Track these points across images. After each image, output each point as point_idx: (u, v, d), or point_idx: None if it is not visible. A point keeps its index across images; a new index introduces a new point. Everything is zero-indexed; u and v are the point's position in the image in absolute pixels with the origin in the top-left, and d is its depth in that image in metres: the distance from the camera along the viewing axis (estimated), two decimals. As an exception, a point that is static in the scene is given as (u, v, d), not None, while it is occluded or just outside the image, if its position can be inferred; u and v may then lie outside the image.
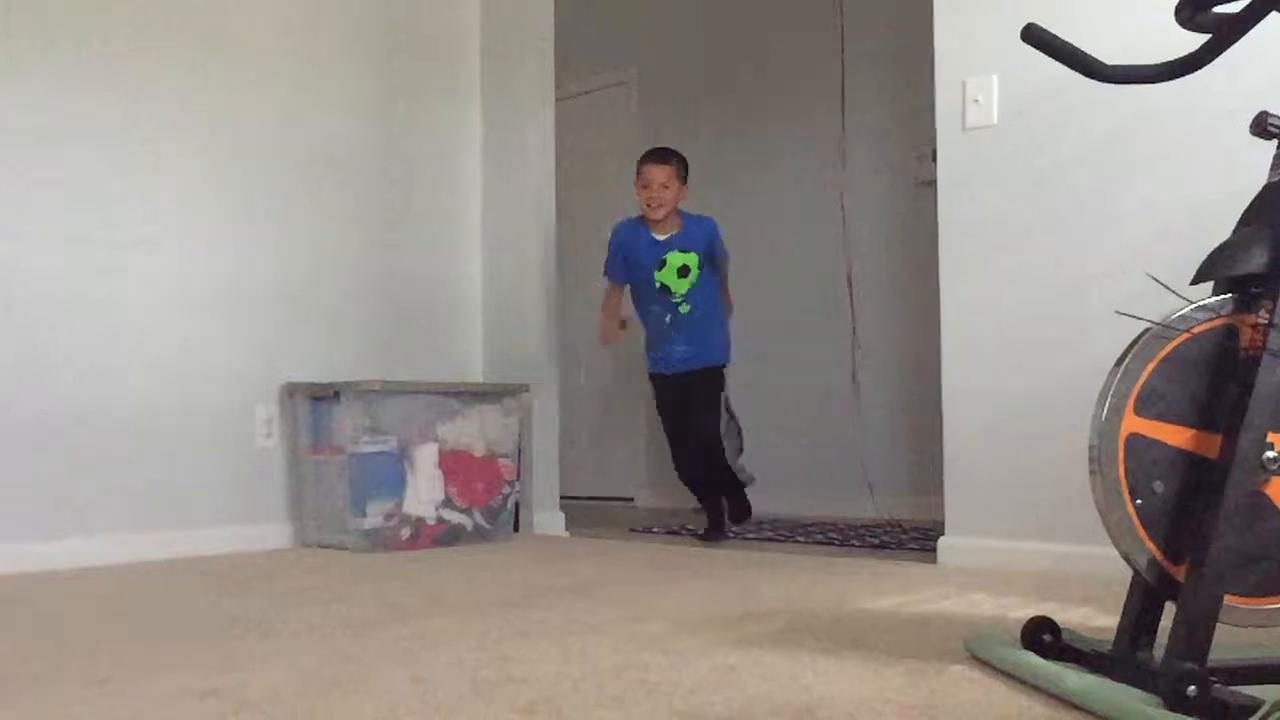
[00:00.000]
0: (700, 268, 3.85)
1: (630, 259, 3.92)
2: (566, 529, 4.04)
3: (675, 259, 3.84)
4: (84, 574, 2.97)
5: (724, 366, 3.93)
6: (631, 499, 5.56)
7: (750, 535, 3.93)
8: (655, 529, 4.19)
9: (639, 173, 3.87)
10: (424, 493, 3.53)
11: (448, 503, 3.60)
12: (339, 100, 3.87)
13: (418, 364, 3.96)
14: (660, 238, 3.86)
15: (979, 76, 2.95)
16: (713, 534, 3.82)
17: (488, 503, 3.71)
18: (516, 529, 3.88)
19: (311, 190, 3.77)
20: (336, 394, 3.46)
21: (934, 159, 3.08)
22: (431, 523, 3.55)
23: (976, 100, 2.95)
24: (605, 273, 4.03)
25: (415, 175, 4.05)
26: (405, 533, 3.48)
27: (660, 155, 3.87)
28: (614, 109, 5.79)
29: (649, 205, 3.83)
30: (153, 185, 3.39)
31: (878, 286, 4.80)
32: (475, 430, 3.66)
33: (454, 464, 3.60)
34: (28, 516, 3.06)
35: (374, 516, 3.43)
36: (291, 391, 3.61)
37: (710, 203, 5.41)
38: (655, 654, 1.77)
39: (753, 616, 2.13)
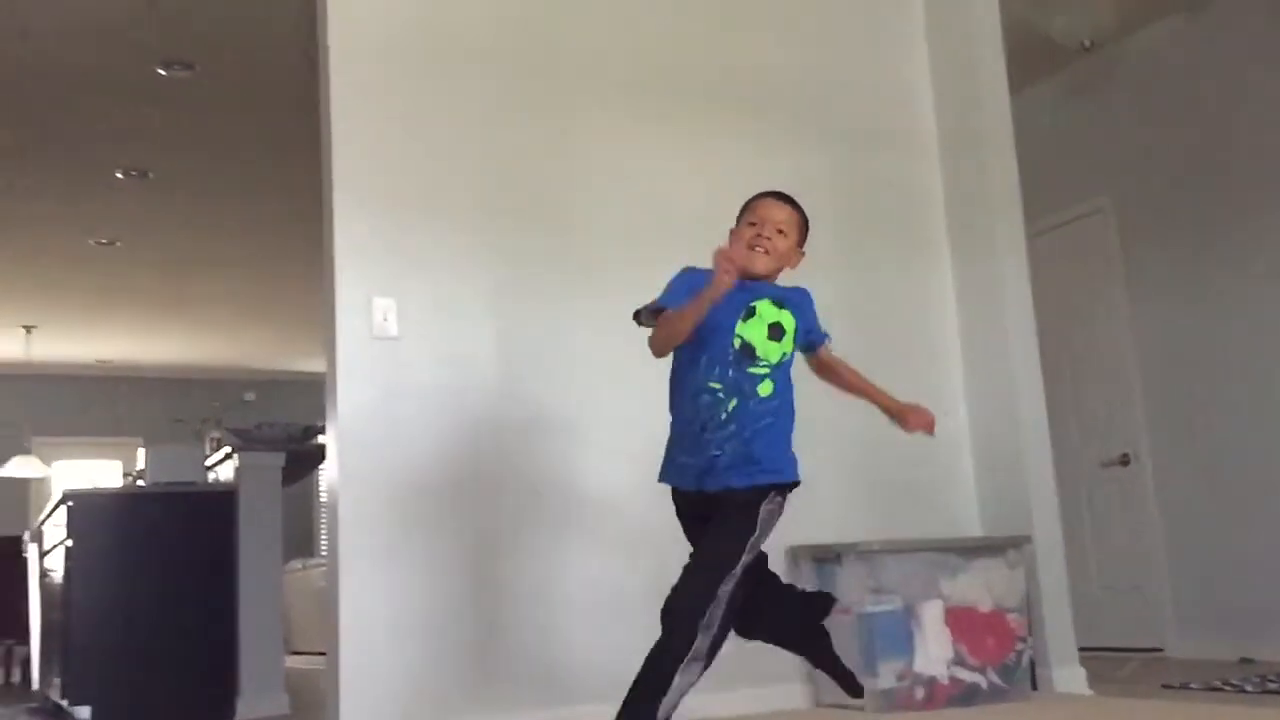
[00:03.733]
0: (795, 340, 2.70)
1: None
2: (1090, 685, 3.81)
3: (768, 311, 2.65)
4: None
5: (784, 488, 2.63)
6: (1159, 649, 5.11)
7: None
8: (1192, 684, 3.83)
9: (747, 210, 2.75)
10: (934, 651, 3.51)
11: (959, 661, 3.54)
12: (821, 277, 4.06)
13: (913, 522, 3.97)
14: (749, 283, 2.66)
15: None
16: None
17: (1001, 660, 3.60)
18: (1034, 687, 3.72)
19: (800, 365, 3.96)
20: (838, 556, 3.57)
21: None
22: (944, 682, 3.51)
23: None
24: (654, 306, 2.70)
25: (889, 337, 4.13)
26: (919, 693, 3.46)
27: (781, 195, 2.77)
28: (1090, 239, 5.60)
29: (752, 246, 2.66)
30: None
31: None
32: (980, 585, 3.60)
33: (961, 621, 3.55)
34: (600, 681, 3.41)
35: (886, 676, 3.45)
36: (795, 554, 3.77)
37: (1219, 328, 5.02)
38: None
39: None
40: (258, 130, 5.81)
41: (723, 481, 2.57)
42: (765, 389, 2.62)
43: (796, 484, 2.65)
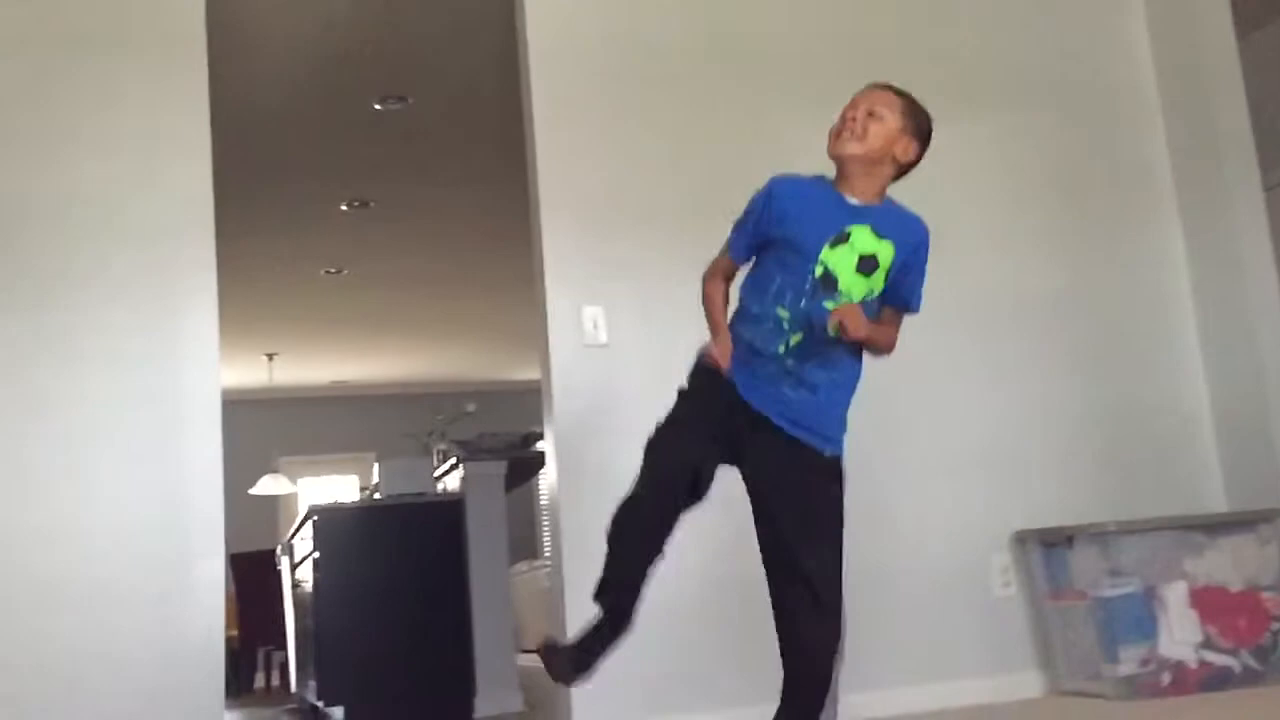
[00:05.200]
0: (887, 278, 2.31)
1: (789, 220, 2.31)
2: (1361, 668, 3.53)
3: (863, 240, 2.28)
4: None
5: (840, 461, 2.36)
6: None
7: None
8: None
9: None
10: (1179, 634, 3.33)
11: (1208, 643, 3.34)
12: (1037, 249, 3.94)
13: (1149, 499, 3.77)
14: (852, 201, 2.33)
15: None
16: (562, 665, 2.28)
17: (1255, 641, 3.38)
18: (1296, 670, 3.47)
19: (1019, 341, 3.84)
20: (1069, 539, 3.43)
21: None
22: (1193, 666, 3.32)
23: None
24: (730, 245, 2.46)
25: (1119, 306, 3.95)
26: (1165, 678, 3.29)
27: (885, 84, 2.41)
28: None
29: (838, 134, 2.34)
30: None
31: None
32: (1228, 563, 3.39)
33: (1209, 601, 3.35)
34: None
35: (1128, 662, 3.29)
36: (1023, 539, 3.64)
37: None
38: None
39: None
40: (468, 155, 6.05)
41: (793, 428, 2.27)
42: (838, 331, 2.23)
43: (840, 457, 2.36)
